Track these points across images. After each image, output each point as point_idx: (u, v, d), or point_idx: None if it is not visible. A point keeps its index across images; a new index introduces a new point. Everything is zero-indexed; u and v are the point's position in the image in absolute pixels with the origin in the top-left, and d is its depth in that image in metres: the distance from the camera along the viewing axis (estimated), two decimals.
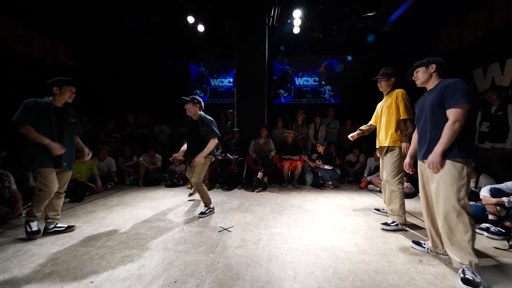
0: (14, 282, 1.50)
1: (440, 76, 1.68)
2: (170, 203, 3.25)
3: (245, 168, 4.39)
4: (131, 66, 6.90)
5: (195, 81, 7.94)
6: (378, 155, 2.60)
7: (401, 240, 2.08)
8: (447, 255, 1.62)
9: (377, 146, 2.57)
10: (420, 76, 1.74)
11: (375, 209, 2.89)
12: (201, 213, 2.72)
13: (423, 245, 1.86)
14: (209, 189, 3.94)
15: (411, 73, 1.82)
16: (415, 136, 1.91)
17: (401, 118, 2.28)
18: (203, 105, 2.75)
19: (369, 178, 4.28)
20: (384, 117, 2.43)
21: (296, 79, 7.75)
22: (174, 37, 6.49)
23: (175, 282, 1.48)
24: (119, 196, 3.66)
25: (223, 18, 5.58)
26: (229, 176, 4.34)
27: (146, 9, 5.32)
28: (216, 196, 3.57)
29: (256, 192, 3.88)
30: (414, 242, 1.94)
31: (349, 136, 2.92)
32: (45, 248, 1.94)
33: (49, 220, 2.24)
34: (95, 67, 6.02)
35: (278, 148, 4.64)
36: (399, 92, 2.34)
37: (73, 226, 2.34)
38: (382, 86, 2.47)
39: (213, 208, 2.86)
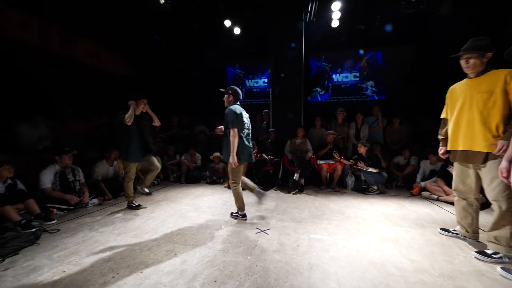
0: (82, 264, 1.72)
1: None
2: (209, 201, 3.38)
3: (281, 168, 4.30)
4: (174, 72, 7.47)
5: (232, 83, 8.16)
6: (456, 160, 1.99)
7: (472, 261, 1.73)
8: None
9: (451, 148, 1.97)
10: None
11: (441, 229, 2.25)
12: (232, 214, 2.74)
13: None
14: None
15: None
16: None
17: None
18: (239, 96, 2.59)
19: (423, 183, 3.76)
20: (475, 110, 1.79)
21: (333, 75, 7.31)
22: (211, 42, 6.79)
23: (215, 281, 1.50)
24: (164, 192, 3.96)
25: (259, 19, 5.59)
26: (265, 176, 4.32)
27: (188, 18, 5.67)
28: (252, 196, 3.56)
29: (293, 194, 3.76)
30: (503, 269, 1.55)
31: (440, 154, 2.31)
32: (105, 236, 2.19)
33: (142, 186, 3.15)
34: (146, 74, 6.70)
35: (316, 148, 4.42)
36: (509, 73, 1.66)
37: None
38: (471, 65, 1.82)
39: (244, 215, 2.64)
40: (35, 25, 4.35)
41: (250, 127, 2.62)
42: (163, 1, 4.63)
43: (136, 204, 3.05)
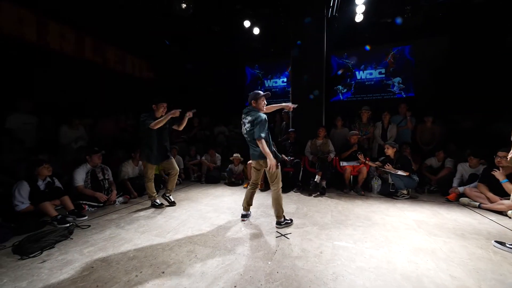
0: (109, 260, 1.79)
1: None
2: (229, 202, 3.38)
3: (301, 170, 4.17)
4: (195, 74, 7.66)
5: (250, 84, 8.16)
6: None
7: None
8: None
9: None
10: None
11: (496, 241, 1.99)
12: (278, 223, 2.43)
13: None
14: (263, 190, 3.94)
15: None
16: None
17: None
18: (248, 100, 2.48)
19: (461, 189, 3.39)
20: None
21: (357, 73, 6.96)
22: (230, 43, 6.84)
23: (234, 286, 1.46)
24: (186, 191, 4.05)
25: (279, 17, 5.50)
26: (284, 178, 4.20)
27: (208, 20, 5.76)
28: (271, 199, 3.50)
29: (314, 196, 3.62)
30: None
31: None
32: (130, 234, 2.28)
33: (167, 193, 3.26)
34: (167, 78, 6.96)
35: (339, 150, 4.22)
36: None
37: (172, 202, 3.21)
38: None
39: (290, 220, 2.50)
40: (72, 36, 4.73)
41: (246, 129, 2.38)
42: (185, 6, 4.75)
43: (159, 203, 3.14)
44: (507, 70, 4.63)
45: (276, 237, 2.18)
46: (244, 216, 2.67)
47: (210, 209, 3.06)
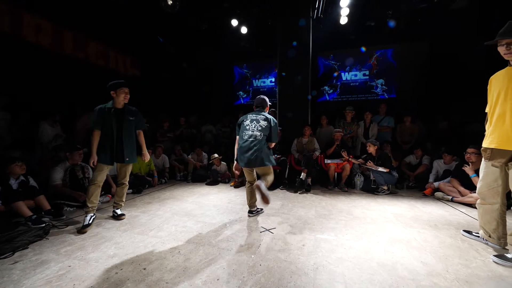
0: (87, 259, 1.73)
1: None
2: (215, 199, 3.37)
3: (287, 168, 4.24)
4: (182, 72, 7.55)
5: (238, 83, 8.17)
6: (490, 160, 1.78)
7: (491, 265, 1.62)
8: None
9: (488, 146, 1.77)
10: None
11: (464, 230, 2.14)
12: (250, 211, 2.68)
13: None
14: (237, 186, 4.06)
15: None
16: None
17: None
18: (255, 105, 2.60)
19: (436, 184, 3.60)
20: (510, 101, 1.62)
21: (342, 74, 7.18)
22: (219, 42, 6.81)
23: (217, 279, 1.47)
24: (171, 190, 3.99)
25: (266, 17, 5.55)
26: None
27: (195, 17, 5.71)
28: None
29: (299, 193, 3.69)
30: None
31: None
32: (111, 233, 2.21)
33: (114, 204, 2.65)
34: (153, 75, 6.81)
35: (324, 148, 4.33)
36: None
37: (123, 215, 2.62)
38: None
39: (261, 209, 2.76)
40: (50, 29, 4.51)
41: (253, 130, 2.41)
42: (171, 2, 4.68)
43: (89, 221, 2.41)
44: (481, 74, 4.97)
45: (261, 232, 2.21)
46: (251, 212, 2.67)
47: (195, 206, 3.03)
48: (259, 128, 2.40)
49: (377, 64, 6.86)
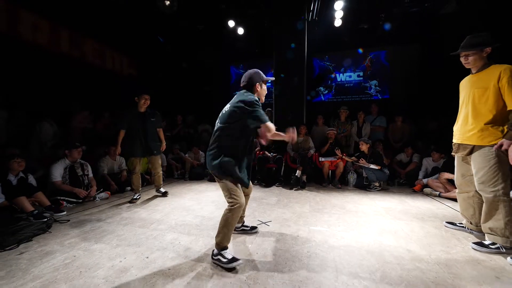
0: (91, 249, 1.81)
1: None
2: (213, 196, 3.45)
3: (283, 166, 4.35)
4: (179, 72, 7.61)
5: (235, 83, 8.26)
6: (456, 153, 2.03)
7: (469, 251, 1.76)
8: None
9: (456, 141, 2.00)
10: None
11: (447, 222, 2.28)
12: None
13: None
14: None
15: None
16: None
17: (509, 108, 1.64)
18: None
19: (425, 180, 3.76)
20: (470, 104, 1.83)
21: (337, 75, 7.34)
22: (215, 42, 6.89)
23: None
24: (169, 187, 4.05)
25: (263, 19, 5.67)
26: (267, 173, 4.37)
27: (193, 18, 5.78)
28: (254, 192, 3.63)
29: (295, 190, 3.81)
30: None
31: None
32: (113, 226, 2.29)
33: (156, 188, 3.48)
34: (150, 75, 6.85)
35: (318, 146, 4.46)
36: (504, 69, 1.65)
37: (166, 192, 3.46)
38: (470, 61, 1.85)
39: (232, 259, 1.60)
40: (46, 27, 4.52)
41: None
42: (169, 3, 4.75)
43: (137, 197, 3.24)
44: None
45: (258, 224, 2.31)
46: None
47: (193, 202, 3.12)
48: (220, 116, 1.79)
49: (371, 66, 7.03)
